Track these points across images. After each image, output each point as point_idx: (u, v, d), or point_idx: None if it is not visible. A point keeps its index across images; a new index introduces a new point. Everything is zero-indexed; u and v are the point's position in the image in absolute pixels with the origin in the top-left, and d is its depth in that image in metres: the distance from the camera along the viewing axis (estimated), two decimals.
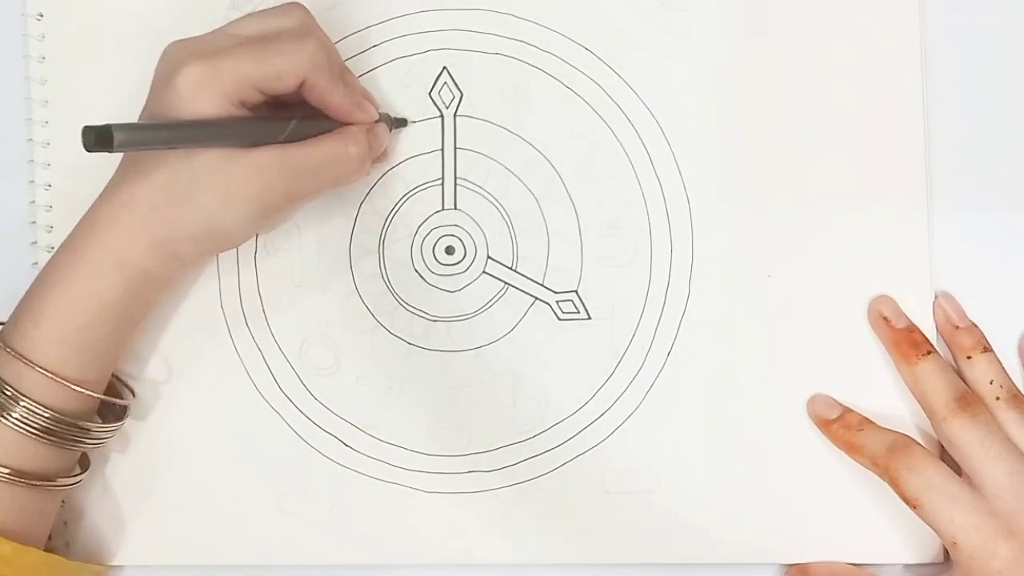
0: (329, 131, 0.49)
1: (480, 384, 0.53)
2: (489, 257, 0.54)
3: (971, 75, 0.54)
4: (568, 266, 0.54)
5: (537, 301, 0.54)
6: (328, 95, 0.48)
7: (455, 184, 0.54)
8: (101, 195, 0.48)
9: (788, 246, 0.53)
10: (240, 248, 0.54)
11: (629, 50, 0.54)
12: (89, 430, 0.49)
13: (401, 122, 0.53)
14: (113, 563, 0.53)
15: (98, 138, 0.43)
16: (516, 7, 0.54)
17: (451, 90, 0.54)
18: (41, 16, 0.54)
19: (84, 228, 0.48)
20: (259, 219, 0.48)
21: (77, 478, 0.50)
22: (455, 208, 0.54)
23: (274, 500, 0.53)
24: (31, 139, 0.54)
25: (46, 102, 0.54)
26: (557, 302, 0.54)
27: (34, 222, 0.54)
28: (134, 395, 0.53)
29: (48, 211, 0.54)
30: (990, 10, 0.54)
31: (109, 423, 0.50)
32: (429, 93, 0.54)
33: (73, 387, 0.47)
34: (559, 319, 0.54)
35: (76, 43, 0.54)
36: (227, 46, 0.47)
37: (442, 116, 0.54)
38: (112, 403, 0.51)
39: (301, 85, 0.48)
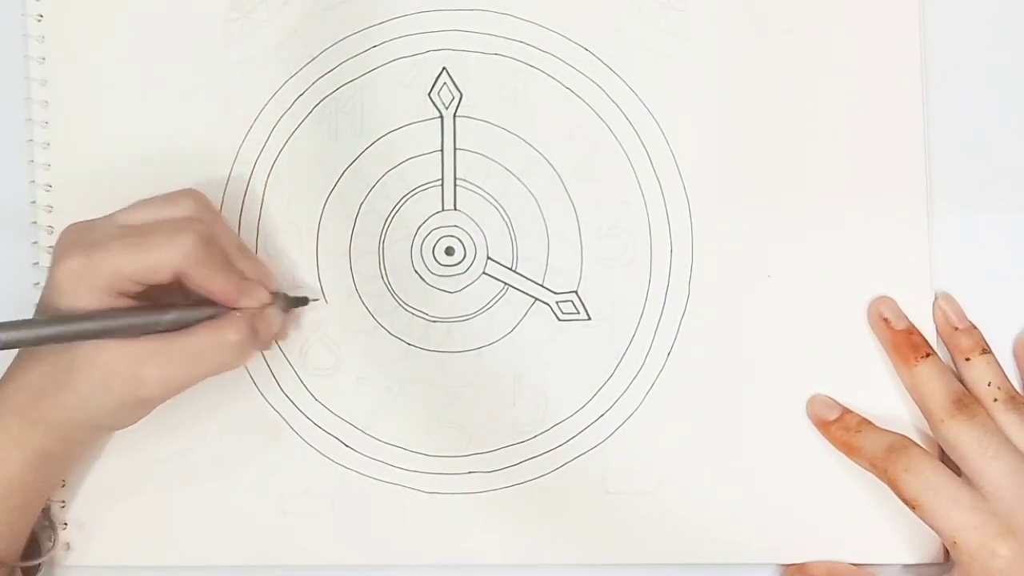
0: (214, 315, 0.48)
1: (480, 385, 0.53)
2: (489, 258, 0.54)
3: (971, 75, 0.54)
4: (568, 266, 0.54)
5: (537, 302, 0.54)
6: (207, 284, 0.48)
7: (455, 185, 0.54)
8: (3, 375, 0.49)
9: (788, 246, 0.53)
10: None
11: (629, 50, 0.54)
12: None
13: (302, 301, 0.52)
14: (113, 563, 0.53)
15: None
16: (515, 7, 0.54)
17: (451, 91, 0.54)
18: (41, 17, 0.54)
19: None
20: (136, 408, 0.48)
21: None
22: (455, 209, 0.54)
23: (275, 501, 0.53)
24: (31, 140, 0.54)
25: (46, 103, 0.54)
26: (557, 303, 0.54)
27: (34, 222, 0.54)
28: (53, 544, 0.52)
29: (48, 212, 0.54)
30: (990, 10, 0.54)
31: None
32: (428, 94, 0.54)
33: None
34: (559, 320, 0.54)
35: (76, 43, 0.54)
36: (107, 238, 0.47)
37: (441, 117, 0.54)
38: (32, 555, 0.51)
39: (181, 275, 0.47)
